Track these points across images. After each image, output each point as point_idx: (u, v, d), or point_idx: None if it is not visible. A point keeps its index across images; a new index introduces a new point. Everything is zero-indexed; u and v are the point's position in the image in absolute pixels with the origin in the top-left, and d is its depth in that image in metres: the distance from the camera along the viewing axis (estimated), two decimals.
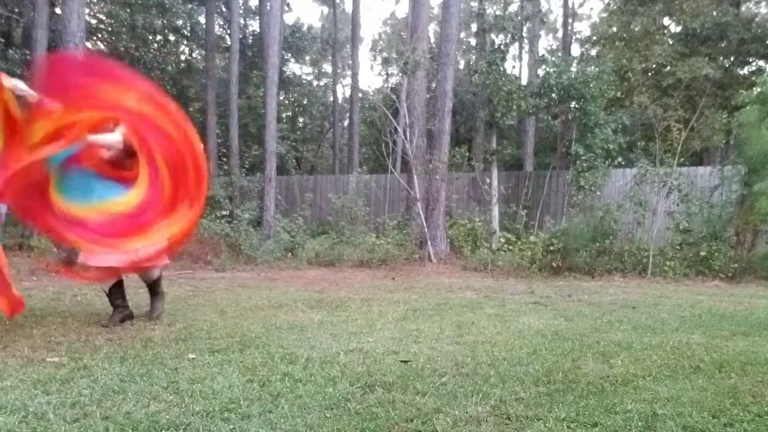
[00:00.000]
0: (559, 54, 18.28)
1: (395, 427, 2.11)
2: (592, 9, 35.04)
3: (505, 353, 3.27)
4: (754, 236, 8.76)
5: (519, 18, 14.76)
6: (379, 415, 2.20)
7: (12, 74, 3.17)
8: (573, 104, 11.68)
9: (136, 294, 5.67)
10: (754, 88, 9.24)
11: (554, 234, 8.84)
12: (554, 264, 8.32)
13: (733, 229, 8.87)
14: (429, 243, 10.00)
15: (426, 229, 10.12)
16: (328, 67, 25.82)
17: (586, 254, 8.43)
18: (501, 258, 9.10)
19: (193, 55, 20.94)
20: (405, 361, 3.04)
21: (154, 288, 4.44)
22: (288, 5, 21.10)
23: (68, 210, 3.56)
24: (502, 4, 18.24)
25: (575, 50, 21.84)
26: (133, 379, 2.61)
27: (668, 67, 14.52)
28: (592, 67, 12.05)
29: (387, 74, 22.31)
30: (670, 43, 15.54)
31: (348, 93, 22.14)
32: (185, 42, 20.07)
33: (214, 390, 2.47)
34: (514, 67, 23.11)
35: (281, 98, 19.71)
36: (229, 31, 16.87)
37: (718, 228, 8.77)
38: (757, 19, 15.33)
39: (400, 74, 12.31)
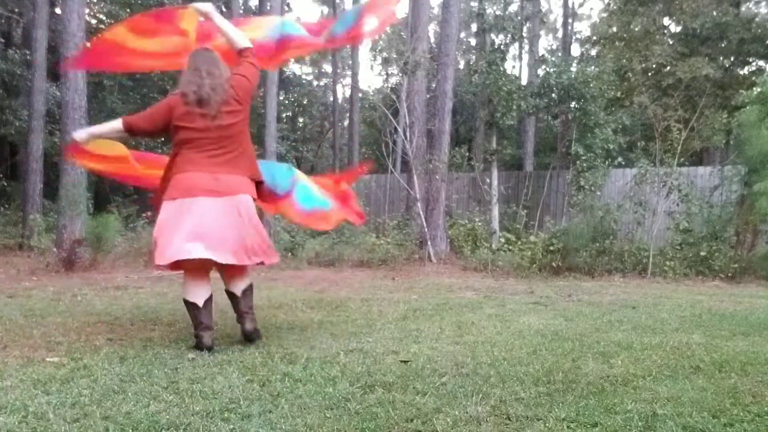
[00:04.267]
0: (559, 54, 18.31)
1: (395, 427, 2.11)
2: (592, 9, 35.05)
3: (505, 353, 3.27)
4: (754, 236, 8.75)
5: (519, 18, 14.78)
6: (379, 415, 2.20)
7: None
8: (573, 104, 11.69)
9: (136, 294, 5.68)
10: (754, 88, 9.23)
11: (554, 234, 8.84)
12: (554, 264, 8.31)
13: (733, 229, 8.87)
14: (429, 243, 10.00)
15: (426, 229, 10.12)
16: (328, 67, 25.83)
17: (586, 254, 8.43)
18: (501, 258, 9.10)
19: None
20: (405, 361, 3.04)
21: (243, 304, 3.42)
22: (288, 5, 21.11)
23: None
24: (502, 4, 18.25)
25: (575, 50, 21.89)
26: (133, 379, 2.61)
27: (668, 67, 14.53)
28: (592, 67, 12.06)
29: (387, 74, 22.31)
30: (670, 43, 15.55)
31: (348, 93, 22.16)
32: None
33: (214, 390, 2.47)
34: (514, 67, 23.17)
35: (281, 98, 19.71)
36: None
37: (718, 228, 8.77)
38: (757, 19, 15.34)
39: (400, 74, 12.31)
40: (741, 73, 15.79)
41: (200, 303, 3.23)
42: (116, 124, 3.46)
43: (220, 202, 3.20)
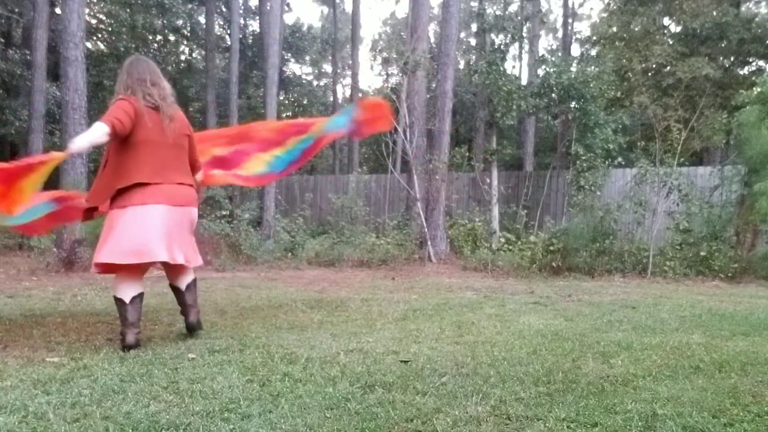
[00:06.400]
0: (559, 54, 18.31)
1: (395, 427, 2.11)
2: (592, 9, 35.03)
3: (505, 353, 3.27)
4: (754, 236, 8.75)
5: (519, 18, 14.78)
6: (379, 415, 2.20)
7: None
8: (573, 104, 11.69)
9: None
10: (754, 88, 9.23)
11: (554, 234, 8.83)
12: (554, 264, 8.31)
13: (733, 229, 8.87)
14: (429, 243, 9.99)
15: (426, 229, 10.11)
16: (328, 67, 25.84)
17: (586, 254, 8.43)
18: (501, 258, 9.09)
19: (193, 55, 20.94)
20: (405, 361, 3.04)
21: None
22: (288, 5, 21.10)
23: None
24: (502, 4, 18.26)
25: (575, 50, 21.88)
26: (133, 379, 2.61)
27: (668, 67, 14.53)
28: (592, 67, 12.06)
29: (387, 74, 22.30)
30: (670, 43, 15.54)
31: (348, 93, 22.16)
32: (185, 42, 20.08)
33: (214, 390, 2.47)
34: (514, 67, 23.15)
35: (281, 98, 19.70)
36: (229, 31, 16.88)
37: (718, 228, 8.77)
38: (757, 19, 15.35)
39: (400, 74, 12.31)
40: (741, 73, 15.79)
41: (127, 300, 3.29)
42: (102, 128, 3.10)
43: (180, 212, 3.37)
